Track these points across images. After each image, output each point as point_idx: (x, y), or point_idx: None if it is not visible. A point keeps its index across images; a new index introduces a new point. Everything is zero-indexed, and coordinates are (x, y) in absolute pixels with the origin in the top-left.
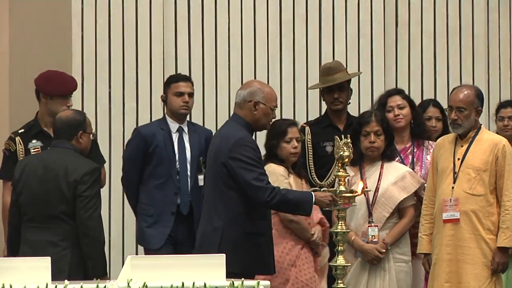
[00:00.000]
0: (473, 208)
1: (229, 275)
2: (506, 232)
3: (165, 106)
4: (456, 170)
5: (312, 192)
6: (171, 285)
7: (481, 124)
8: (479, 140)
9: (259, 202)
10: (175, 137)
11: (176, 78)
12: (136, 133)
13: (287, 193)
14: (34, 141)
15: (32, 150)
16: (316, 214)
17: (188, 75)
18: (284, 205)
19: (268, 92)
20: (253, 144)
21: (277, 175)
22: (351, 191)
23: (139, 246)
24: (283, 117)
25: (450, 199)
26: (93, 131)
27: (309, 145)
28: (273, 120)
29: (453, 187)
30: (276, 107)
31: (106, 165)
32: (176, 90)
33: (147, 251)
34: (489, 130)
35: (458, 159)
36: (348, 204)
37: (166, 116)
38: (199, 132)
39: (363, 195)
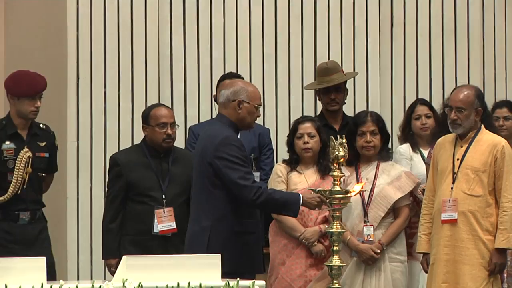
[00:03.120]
0: (471, 208)
1: None
2: (504, 233)
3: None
4: (455, 170)
5: (299, 193)
6: (167, 285)
7: (481, 125)
8: (478, 141)
9: (245, 201)
10: None
11: (223, 77)
12: (190, 132)
13: (273, 193)
14: (7, 142)
15: (6, 153)
16: (321, 214)
17: (183, 75)
18: (270, 204)
19: (251, 90)
20: (238, 143)
21: (273, 174)
22: (346, 191)
23: None
24: (278, 116)
25: (449, 200)
26: (161, 122)
27: None
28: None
29: (452, 188)
30: (261, 105)
31: (101, 167)
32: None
33: None
34: None
35: (458, 159)
36: (339, 205)
37: None
38: (254, 129)
39: (358, 194)
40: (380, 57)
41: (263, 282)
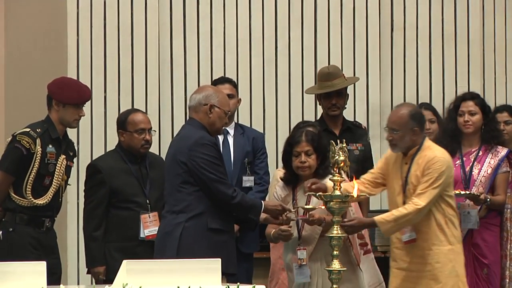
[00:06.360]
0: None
1: None
2: (390, 218)
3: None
4: (404, 190)
5: (262, 201)
6: None
7: (423, 141)
8: (418, 159)
9: (224, 196)
10: (220, 139)
11: (215, 81)
12: None
13: (244, 195)
14: (50, 146)
15: (49, 155)
16: None
17: (183, 80)
18: (242, 205)
19: (222, 96)
20: (212, 142)
21: (273, 180)
22: (346, 196)
23: None
24: (278, 121)
25: None
26: (140, 128)
27: None
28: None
29: (404, 202)
30: (230, 111)
31: None
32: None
33: None
34: None
35: (404, 177)
36: (304, 215)
37: None
38: (247, 134)
39: (296, 219)
40: (380, 61)
41: (263, 287)
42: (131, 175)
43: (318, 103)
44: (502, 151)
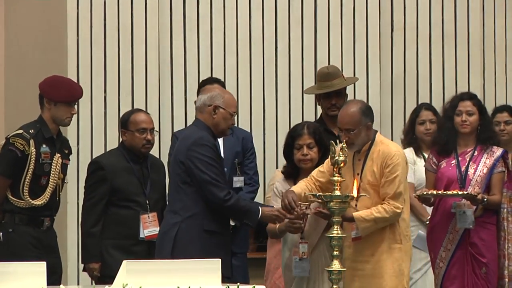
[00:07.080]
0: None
1: None
2: (369, 217)
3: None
4: (357, 186)
5: (259, 207)
6: None
7: (375, 135)
8: (372, 153)
9: (216, 199)
10: None
11: (203, 82)
12: (174, 138)
13: (239, 199)
14: (44, 145)
15: (43, 155)
16: None
17: (183, 80)
18: (236, 209)
19: (228, 97)
20: (211, 143)
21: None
22: (346, 196)
23: None
24: (278, 121)
25: None
26: (141, 127)
27: None
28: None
29: (356, 205)
30: (236, 113)
31: None
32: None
33: None
34: None
35: (358, 174)
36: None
37: None
38: (237, 134)
39: (311, 213)
40: (380, 61)
41: (263, 287)
42: (132, 174)
43: (317, 103)
44: (498, 151)
